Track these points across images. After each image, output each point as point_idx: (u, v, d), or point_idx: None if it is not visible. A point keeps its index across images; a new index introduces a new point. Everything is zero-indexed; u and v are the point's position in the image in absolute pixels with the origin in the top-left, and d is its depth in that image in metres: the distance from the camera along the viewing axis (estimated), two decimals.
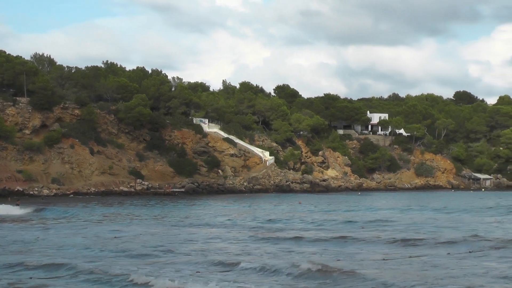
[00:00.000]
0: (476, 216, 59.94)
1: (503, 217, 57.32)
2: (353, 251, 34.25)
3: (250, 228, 48.10)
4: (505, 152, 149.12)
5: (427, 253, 33.09)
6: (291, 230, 45.68)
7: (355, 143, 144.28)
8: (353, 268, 27.04)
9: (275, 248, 35.49)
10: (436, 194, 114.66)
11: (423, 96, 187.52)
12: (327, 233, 43.27)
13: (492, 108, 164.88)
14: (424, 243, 36.92)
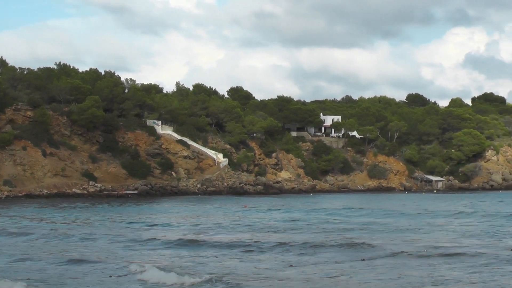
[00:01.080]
0: (392, 220, 60.79)
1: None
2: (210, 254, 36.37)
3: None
4: (457, 154, 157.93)
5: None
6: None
7: (309, 145, 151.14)
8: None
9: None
10: (383, 197, 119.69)
11: (376, 98, 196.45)
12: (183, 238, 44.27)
13: (445, 110, 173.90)
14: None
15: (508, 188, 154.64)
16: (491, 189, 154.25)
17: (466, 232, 48.06)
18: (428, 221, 58.43)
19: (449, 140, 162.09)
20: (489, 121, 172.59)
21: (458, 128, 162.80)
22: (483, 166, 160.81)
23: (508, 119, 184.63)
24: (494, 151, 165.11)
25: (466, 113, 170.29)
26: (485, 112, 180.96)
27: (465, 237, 44.66)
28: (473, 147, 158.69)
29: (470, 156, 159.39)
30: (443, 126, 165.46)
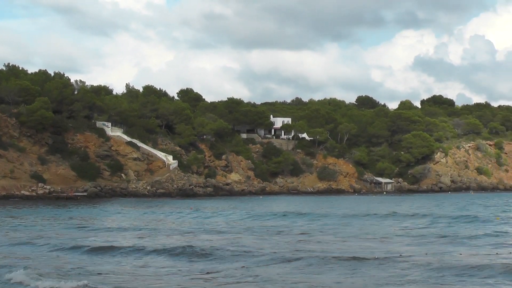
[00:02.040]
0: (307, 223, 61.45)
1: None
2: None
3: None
4: (406, 157, 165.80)
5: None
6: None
7: (258, 147, 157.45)
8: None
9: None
10: (329, 199, 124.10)
11: (326, 100, 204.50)
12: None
13: (394, 113, 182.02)
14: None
15: (456, 190, 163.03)
16: (440, 191, 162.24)
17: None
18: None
19: (398, 142, 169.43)
20: (438, 124, 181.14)
21: (407, 130, 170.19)
22: (432, 168, 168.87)
23: (457, 121, 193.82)
24: (443, 153, 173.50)
25: (415, 115, 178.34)
26: (434, 115, 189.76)
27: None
28: (422, 149, 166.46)
29: (419, 158, 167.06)
30: (393, 128, 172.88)
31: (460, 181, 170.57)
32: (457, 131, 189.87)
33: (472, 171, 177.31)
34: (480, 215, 66.02)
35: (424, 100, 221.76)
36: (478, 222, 57.51)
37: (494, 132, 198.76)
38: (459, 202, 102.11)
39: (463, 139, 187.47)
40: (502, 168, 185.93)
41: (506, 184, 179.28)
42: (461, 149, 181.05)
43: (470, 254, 35.19)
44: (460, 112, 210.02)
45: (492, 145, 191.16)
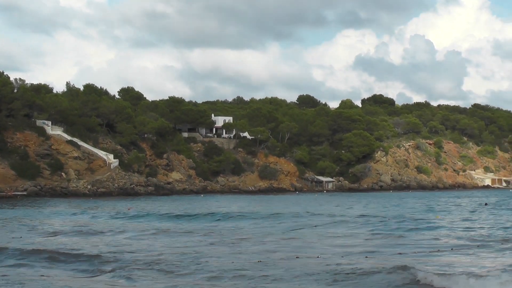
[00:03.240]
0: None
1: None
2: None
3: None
4: (347, 155, 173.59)
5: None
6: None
7: (200, 146, 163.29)
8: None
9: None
10: (265, 198, 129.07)
11: (267, 99, 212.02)
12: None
13: (335, 112, 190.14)
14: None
15: (396, 189, 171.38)
16: (380, 189, 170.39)
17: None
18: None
19: (339, 141, 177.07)
20: (379, 123, 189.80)
21: (348, 130, 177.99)
22: (372, 167, 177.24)
23: (397, 120, 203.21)
24: (383, 152, 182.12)
25: (356, 114, 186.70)
26: (374, 114, 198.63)
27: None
28: (363, 148, 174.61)
29: (360, 157, 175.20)
30: (334, 128, 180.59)
31: (400, 180, 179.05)
32: (397, 130, 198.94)
33: (412, 170, 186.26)
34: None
35: (364, 99, 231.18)
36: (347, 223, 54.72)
37: (434, 131, 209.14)
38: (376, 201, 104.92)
39: (403, 138, 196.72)
40: (442, 167, 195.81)
41: (445, 182, 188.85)
42: (401, 148, 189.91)
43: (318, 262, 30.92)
44: (400, 111, 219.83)
45: (432, 144, 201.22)
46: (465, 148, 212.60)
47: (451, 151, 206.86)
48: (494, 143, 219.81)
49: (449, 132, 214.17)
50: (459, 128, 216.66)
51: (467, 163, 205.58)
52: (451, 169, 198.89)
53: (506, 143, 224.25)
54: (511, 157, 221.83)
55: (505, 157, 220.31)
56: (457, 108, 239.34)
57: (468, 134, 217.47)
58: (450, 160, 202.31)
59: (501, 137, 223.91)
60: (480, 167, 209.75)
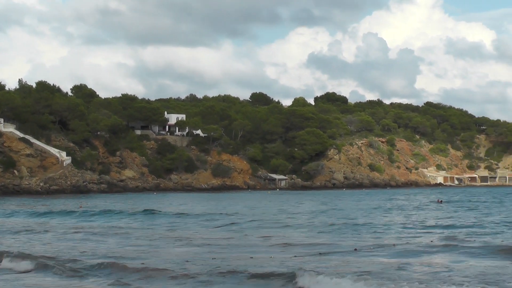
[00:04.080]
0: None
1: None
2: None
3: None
4: (300, 153, 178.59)
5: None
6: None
7: (153, 144, 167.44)
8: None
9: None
10: (216, 196, 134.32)
11: (220, 97, 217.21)
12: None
13: (288, 109, 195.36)
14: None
15: (349, 187, 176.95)
16: (333, 187, 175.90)
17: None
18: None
19: (292, 139, 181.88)
20: (332, 121, 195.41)
21: (301, 127, 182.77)
22: (325, 164, 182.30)
23: (350, 118, 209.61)
24: (336, 150, 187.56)
25: (309, 112, 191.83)
26: (327, 112, 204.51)
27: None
28: (316, 146, 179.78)
29: (313, 155, 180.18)
30: (287, 125, 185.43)
31: (353, 178, 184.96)
32: (350, 128, 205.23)
33: (365, 168, 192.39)
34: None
35: (318, 97, 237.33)
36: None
37: (386, 129, 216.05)
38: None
39: (356, 136, 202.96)
40: (394, 165, 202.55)
41: (398, 180, 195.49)
42: (354, 146, 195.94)
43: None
44: (353, 109, 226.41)
45: (384, 142, 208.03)
46: (418, 146, 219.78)
47: (404, 149, 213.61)
48: (446, 141, 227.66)
49: (401, 130, 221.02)
50: (412, 126, 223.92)
51: (420, 161, 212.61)
52: (403, 167, 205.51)
53: (459, 141, 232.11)
54: (463, 155, 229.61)
55: (457, 155, 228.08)
56: (410, 106, 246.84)
57: (421, 132, 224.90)
58: (403, 158, 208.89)
59: (454, 135, 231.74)
60: (432, 165, 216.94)
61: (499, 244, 36.38)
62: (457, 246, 35.65)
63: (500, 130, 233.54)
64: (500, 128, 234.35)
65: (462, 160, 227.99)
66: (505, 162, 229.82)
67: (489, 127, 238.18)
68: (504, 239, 39.74)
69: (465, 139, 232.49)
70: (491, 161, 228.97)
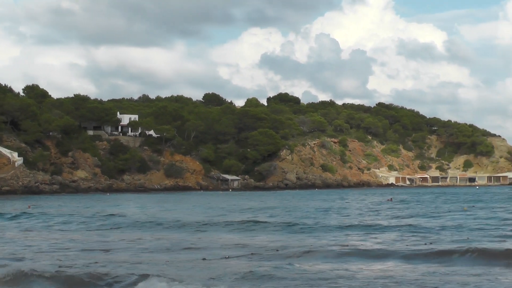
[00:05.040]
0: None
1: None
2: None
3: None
4: (253, 154, 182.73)
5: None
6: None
7: (105, 144, 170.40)
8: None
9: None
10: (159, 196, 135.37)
11: (173, 97, 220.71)
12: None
13: (241, 110, 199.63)
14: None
15: (302, 187, 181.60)
16: (286, 188, 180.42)
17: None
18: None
19: (245, 140, 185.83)
20: (284, 121, 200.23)
21: (254, 128, 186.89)
22: (278, 165, 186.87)
23: (303, 119, 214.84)
24: (288, 150, 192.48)
25: (262, 113, 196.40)
26: (280, 112, 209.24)
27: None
28: (269, 147, 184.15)
29: (266, 156, 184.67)
30: (239, 126, 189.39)
31: (306, 178, 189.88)
32: (303, 128, 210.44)
33: (317, 168, 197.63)
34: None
35: (270, 98, 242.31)
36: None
37: (339, 130, 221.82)
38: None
39: (309, 136, 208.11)
40: (346, 165, 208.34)
41: (350, 180, 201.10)
42: (307, 147, 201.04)
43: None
44: (305, 109, 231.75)
45: (337, 143, 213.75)
46: (370, 147, 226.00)
47: (356, 150, 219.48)
48: (398, 142, 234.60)
49: (353, 131, 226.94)
50: (364, 127, 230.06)
51: (372, 161, 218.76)
52: (355, 167, 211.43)
53: (410, 142, 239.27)
54: (414, 155, 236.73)
55: (409, 156, 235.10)
56: (362, 107, 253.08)
57: (373, 132, 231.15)
58: (355, 158, 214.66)
59: (405, 136, 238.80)
60: (384, 166, 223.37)
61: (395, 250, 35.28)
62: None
63: (451, 130, 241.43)
64: (451, 129, 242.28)
65: (414, 160, 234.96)
66: (456, 162, 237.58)
67: (440, 128, 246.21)
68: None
69: (416, 139, 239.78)
70: (442, 161, 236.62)
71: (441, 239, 39.94)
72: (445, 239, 39.94)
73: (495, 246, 34.47)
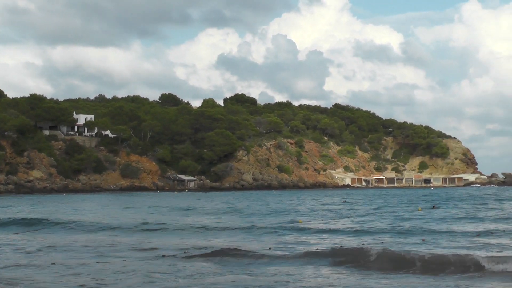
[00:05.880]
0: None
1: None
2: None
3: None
4: (209, 154, 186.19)
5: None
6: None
7: (61, 144, 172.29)
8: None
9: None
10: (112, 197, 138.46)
11: (130, 97, 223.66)
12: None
13: (197, 110, 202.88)
14: None
15: (258, 188, 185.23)
16: (242, 188, 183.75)
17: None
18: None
19: (201, 140, 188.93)
20: (241, 122, 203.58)
21: (210, 128, 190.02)
22: (234, 166, 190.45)
23: (259, 120, 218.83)
24: (245, 151, 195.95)
25: (218, 113, 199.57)
26: (236, 113, 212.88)
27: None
28: (225, 147, 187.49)
29: (222, 156, 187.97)
30: (196, 126, 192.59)
31: (262, 179, 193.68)
32: (259, 129, 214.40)
33: (274, 169, 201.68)
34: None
35: (227, 99, 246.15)
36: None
37: (295, 131, 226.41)
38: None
39: (265, 137, 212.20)
40: (303, 166, 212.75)
41: (306, 182, 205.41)
42: (263, 147, 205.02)
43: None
44: (262, 110, 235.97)
45: (293, 144, 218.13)
46: (326, 148, 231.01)
47: (312, 151, 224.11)
48: (354, 143, 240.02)
49: (310, 132, 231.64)
50: (320, 128, 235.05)
51: (328, 162, 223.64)
52: (312, 168, 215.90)
53: (366, 143, 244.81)
54: (370, 157, 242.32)
55: (364, 157, 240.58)
56: (318, 108, 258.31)
57: (329, 133, 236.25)
58: (311, 159, 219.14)
59: (361, 137, 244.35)
60: (340, 167, 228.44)
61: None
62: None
63: (406, 132, 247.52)
64: (406, 130, 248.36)
65: (370, 161, 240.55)
66: (412, 164, 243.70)
67: (396, 129, 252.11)
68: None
69: (372, 141, 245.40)
70: (398, 162, 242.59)
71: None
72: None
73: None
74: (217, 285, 24.97)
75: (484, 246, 35.95)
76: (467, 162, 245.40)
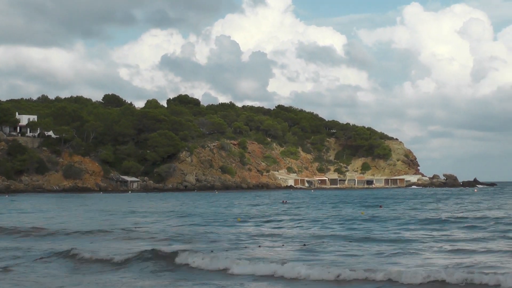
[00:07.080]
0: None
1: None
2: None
3: None
4: (152, 155, 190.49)
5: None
6: None
7: (3, 145, 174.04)
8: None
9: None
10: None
11: (73, 98, 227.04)
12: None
13: (140, 111, 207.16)
14: None
15: (201, 189, 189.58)
16: (185, 189, 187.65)
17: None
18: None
19: (144, 141, 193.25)
20: (184, 123, 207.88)
21: (153, 129, 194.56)
22: (177, 167, 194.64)
23: (202, 121, 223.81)
24: (188, 152, 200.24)
25: (161, 114, 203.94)
26: (180, 114, 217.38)
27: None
28: (168, 148, 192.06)
29: (165, 157, 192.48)
30: (139, 127, 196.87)
31: (205, 180, 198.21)
32: (202, 130, 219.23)
33: (217, 170, 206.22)
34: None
35: (170, 99, 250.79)
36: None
37: (238, 132, 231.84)
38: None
39: (208, 138, 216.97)
40: (246, 167, 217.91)
41: (249, 182, 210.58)
42: (206, 148, 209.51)
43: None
44: (205, 111, 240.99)
45: (236, 145, 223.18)
46: (269, 149, 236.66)
47: (255, 152, 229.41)
48: (297, 144, 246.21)
49: (253, 133, 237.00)
50: (263, 129, 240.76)
51: (271, 163, 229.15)
52: (255, 169, 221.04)
53: (309, 144, 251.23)
54: (313, 158, 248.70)
55: (307, 158, 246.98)
56: (262, 109, 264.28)
57: (272, 135, 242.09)
58: (254, 160, 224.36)
59: (304, 138, 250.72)
60: (283, 168, 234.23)
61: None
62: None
63: (349, 133, 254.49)
64: (349, 132, 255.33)
65: (312, 163, 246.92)
66: (354, 165, 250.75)
67: (339, 131, 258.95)
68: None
69: (315, 142, 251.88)
70: (341, 164, 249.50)
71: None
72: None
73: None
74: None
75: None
76: (409, 163, 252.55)
